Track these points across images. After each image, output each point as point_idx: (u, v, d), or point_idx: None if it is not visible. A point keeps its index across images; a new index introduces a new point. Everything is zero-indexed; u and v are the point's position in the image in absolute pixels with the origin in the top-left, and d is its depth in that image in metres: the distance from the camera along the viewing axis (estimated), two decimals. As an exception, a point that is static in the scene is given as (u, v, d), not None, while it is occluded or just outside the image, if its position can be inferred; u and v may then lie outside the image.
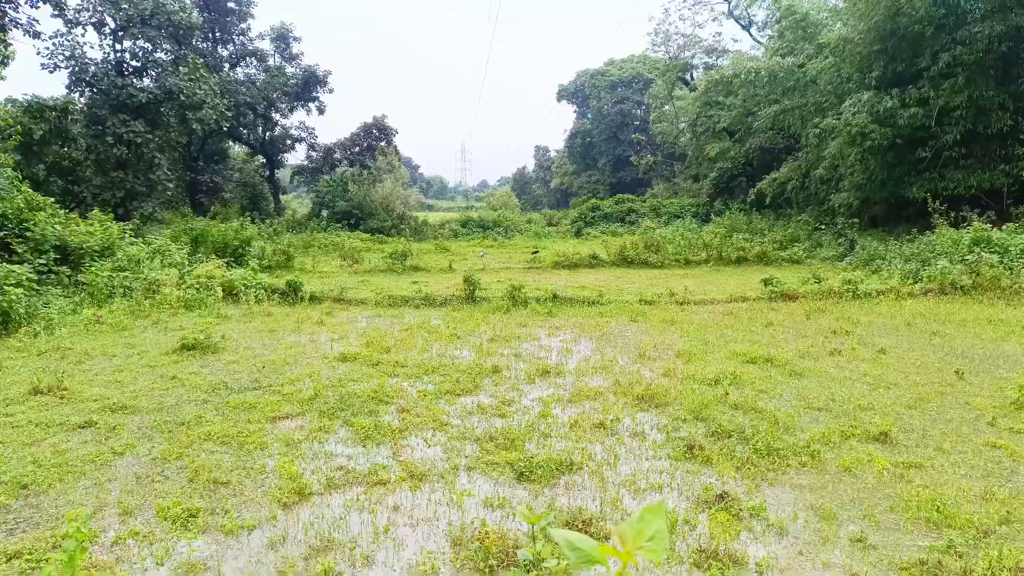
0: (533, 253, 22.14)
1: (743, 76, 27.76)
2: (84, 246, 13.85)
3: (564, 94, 69.49)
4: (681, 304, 13.02)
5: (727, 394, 7.10)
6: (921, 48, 20.14)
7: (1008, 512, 4.58)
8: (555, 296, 13.40)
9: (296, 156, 44.40)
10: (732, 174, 35.39)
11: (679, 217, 34.25)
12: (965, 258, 14.22)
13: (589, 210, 37.96)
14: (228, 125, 33.13)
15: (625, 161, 57.94)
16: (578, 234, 33.83)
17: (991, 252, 14.24)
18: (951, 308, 11.88)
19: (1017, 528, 4.40)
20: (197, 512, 4.73)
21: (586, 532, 4.46)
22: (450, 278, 16.68)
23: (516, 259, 22.53)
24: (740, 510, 4.70)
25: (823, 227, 23.48)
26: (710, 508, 4.73)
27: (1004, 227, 15.79)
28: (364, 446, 5.99)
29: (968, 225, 16.30)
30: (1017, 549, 4.09)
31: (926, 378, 7.76)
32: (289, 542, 4.40)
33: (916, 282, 14.30)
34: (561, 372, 8.32)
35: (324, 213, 35.38)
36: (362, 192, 36.03)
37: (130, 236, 15.59)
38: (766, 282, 14.12)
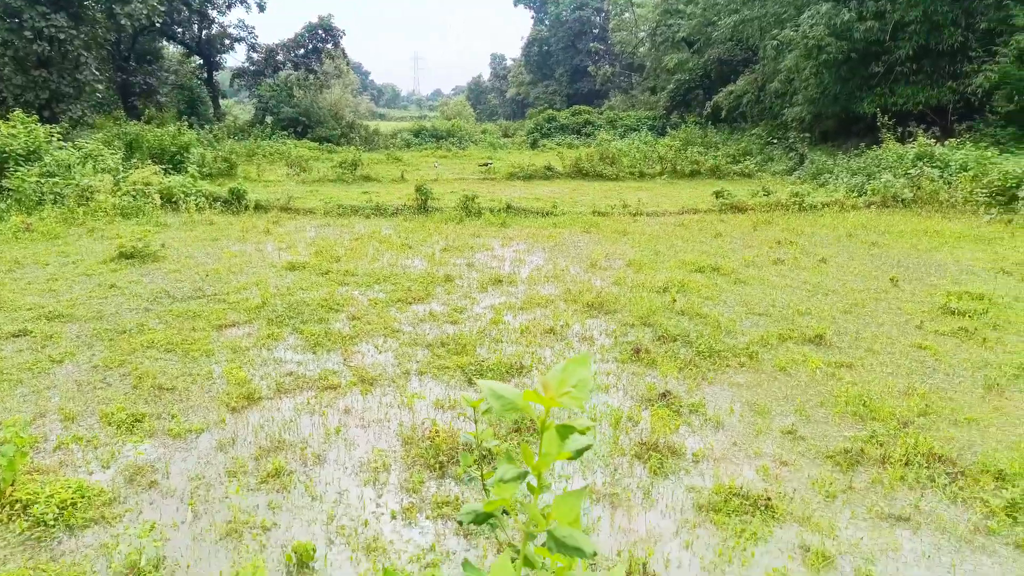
0: (484, 164, 21.71)
1: (704, -18, 26.92)
2: (7, 149, 12.93)
3: (521, -3, 66.37)
4: (634, 215, 13.10)
5: (674, 301, 7.27)
6: (882, -43, 19.76)
7: (927, 405, 4.90)
8: (509, 207, 13.28)
9: (236, 58, 41.93)
10: (689, 87, 34.94)
11: (635, 130, 33.89)
12: (908, 172, 14.58)
13: (545, 121, 37.15)
14: (160, 21, 30.69)
15: (583, 72, 56.44)
16: (534, 145, 33.27)
17: (933, 167, 14.62)
18: (891, 220, 12.28)
19: (933, 419, 4.72)
20: (142, 417, 4.69)
21: (534, 429, 4.60)
22: (402, 188, 16.31)
23: (470, 170, 22.11)
24: (681, 407, 4.90)
25: (775, 141, 23.64)
26: (652, 405, 4.92)
27: (947, 143, 16.17)
28: (314, 352, 5.97)
29: (914, 140, 16.63)
30: (931, 437, 4.40)
31: (863, 285, 8.08)
32: (239, 444, 4.42)
33: (860, 195, 14.66)
34: (513, 281, 8.36)
35: (268, 120, 33.69)
36: (308, 98, 34.35)
37: (58, 140, 14.61)
38: (717, 194, 14.28)
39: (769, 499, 3.74)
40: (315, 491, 3.90)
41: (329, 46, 40.42)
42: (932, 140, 16.39)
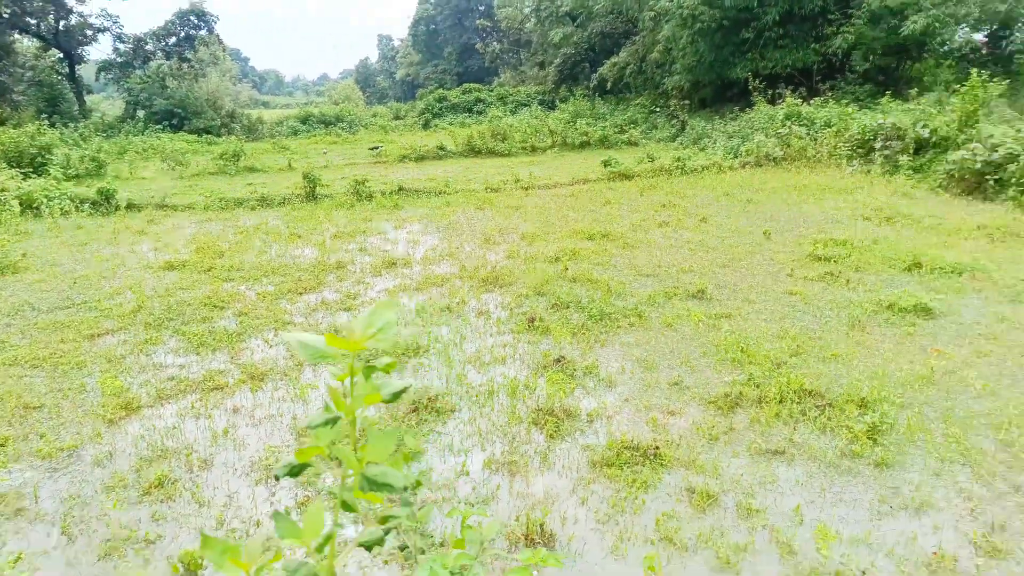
0: (373, 148, 21.22)
1: (581, -45, 27.24)
2: None
3: (403, -25, 64.88)
4: (526, 189, 13.22)
5: (566, 269, 7.43)
6: (745, -74, 20.68)
7: (798, 346, 5.27)
8: (401, 189, 13.07)
9: (101, 50, 38.53)
10: (576, 60, 35.47)
11: (526, 105, 34.15)
12: (779, 132, 15.49)
13: (436, 101, 36.75)
14: (7, 12, 27.84)
15: (472, 49, 56.10)
16: (426, 126, 32.87)
17: (800, 125, 15.61)
18: (764, 177, 13.03)
19: (804, 358, 5.09)
20: (5, 441, 4.31)
21: (432, 408, 4.59)
22: (290, 177, 15.68)
23: (361, 155, 21.56)
24: (575, 370, 5.03)
25: (658, 110, 24.48)
26: (548, 372, 5.02)
27: (812, 102, 17.28)
28: (198, 354, 5.67)
29: (783, 101, 17.66)
30: (802, 374, 4.74)
31: (739, 240, 8.55)
32: (117, 457, 4.15)
33: (736, 156, 15.46)
34: (408, 262, 8.26)
35: (140, 114, 31.43)
36: (183, 88, 32.26)
37: None
38: (605, 164, 14.65)
39: (658, 448, 3.92)
40: (202, 497, 3.73)
41: (203, 32, 38.08)
42: (799, 100, 17.46)
